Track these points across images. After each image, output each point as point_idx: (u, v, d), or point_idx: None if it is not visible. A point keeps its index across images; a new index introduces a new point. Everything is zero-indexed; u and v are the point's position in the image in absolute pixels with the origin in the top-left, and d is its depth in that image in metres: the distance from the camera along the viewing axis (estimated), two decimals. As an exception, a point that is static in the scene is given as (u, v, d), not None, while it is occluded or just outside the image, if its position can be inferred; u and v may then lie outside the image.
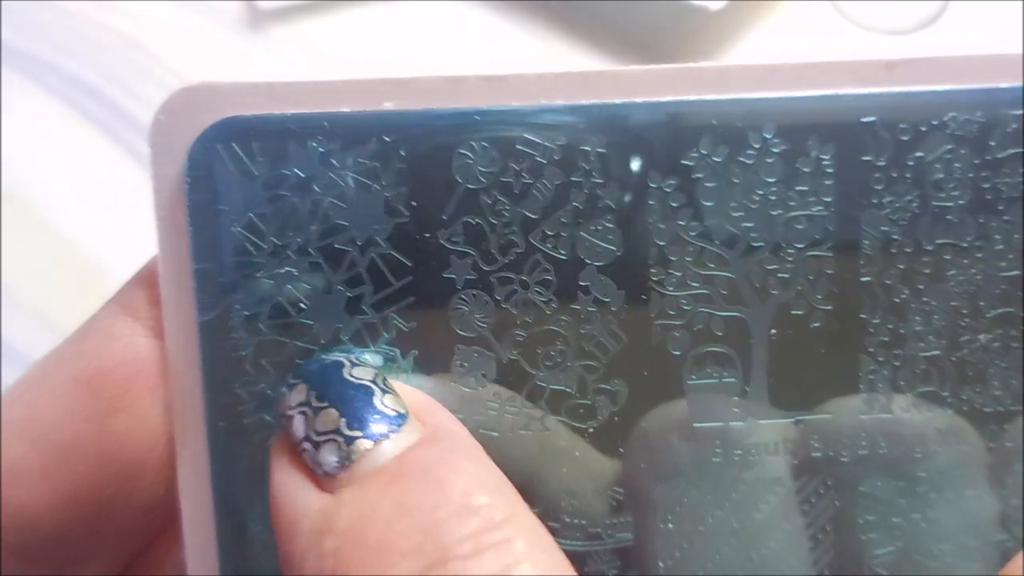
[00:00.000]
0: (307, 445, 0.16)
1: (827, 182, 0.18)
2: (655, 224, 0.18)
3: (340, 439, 0.15)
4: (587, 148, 0.18)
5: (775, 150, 0.18)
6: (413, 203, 0.18)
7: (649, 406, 0.18)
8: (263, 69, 0.48)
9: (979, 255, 0.18)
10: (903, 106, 0.18)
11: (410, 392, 0.17)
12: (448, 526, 0.14)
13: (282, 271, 0.18)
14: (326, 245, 0.18)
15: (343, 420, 0.15)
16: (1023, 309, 0.18)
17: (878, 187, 0.18)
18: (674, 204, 0.18)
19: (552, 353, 0.18)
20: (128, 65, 0.49)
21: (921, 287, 0.18)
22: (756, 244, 0.18)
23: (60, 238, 0.44)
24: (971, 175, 0.18)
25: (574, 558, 0.18)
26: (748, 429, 0.18)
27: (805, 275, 0.18)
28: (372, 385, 0.16)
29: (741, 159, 0.18)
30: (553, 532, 0.18)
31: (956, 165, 0.18)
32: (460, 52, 0.49)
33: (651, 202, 0.18)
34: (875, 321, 0.18)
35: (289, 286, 0.18)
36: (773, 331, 0.18)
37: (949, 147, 0.18)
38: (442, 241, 0.18)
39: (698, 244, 0.18)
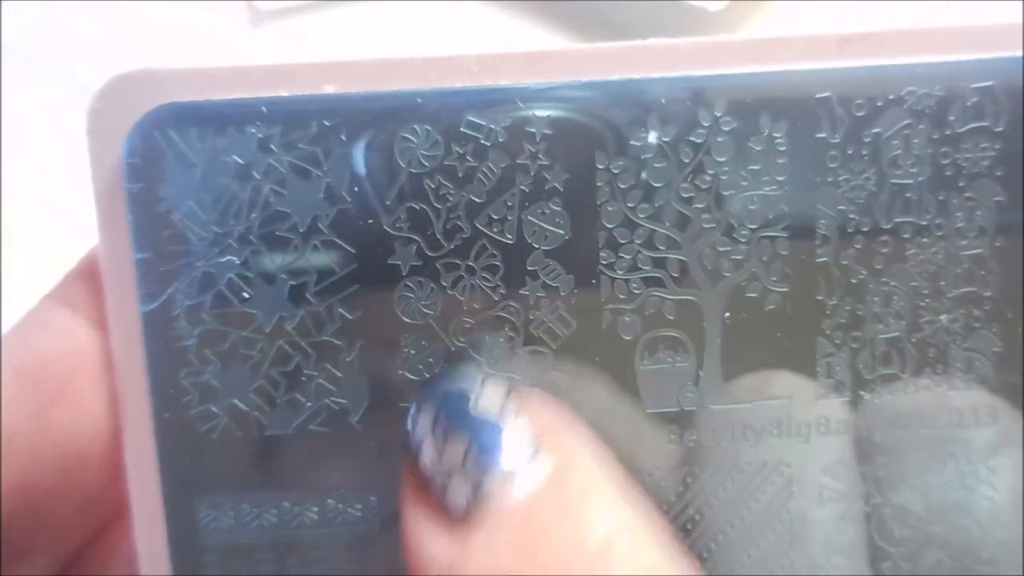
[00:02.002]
0: (436, 479, 0.15)
1: (780, 160, 0.17)
2: (603, 207, 0.17)
3: (468, 475, 0.15)
4: (533, 130, 0.17)
5: (726, 128, 0.17)
6: (355, 189, 0.17)
7: (600, 392, 0.18)
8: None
9: (939, 234, 0.18)
10: (858, 81, 0.17)
11: (541, 414, 0.16)
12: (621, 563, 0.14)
13: (224, 260, 0.17)
14: (268, 233, 0.17)
15: (471, 456, 0.15)
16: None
17: (833, 165, 0.17)
18: (623, 186, 0.17)
19: (501, 340, 0.18)
20: (128, 66, 0.49)
21: (879, 267, 0.18)
22: (708, 225, 0.18)
23: (61, 238, 0.44)
24: (930, 151, 0.17)
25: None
26: (703, 415, 0.18)
27: (759, 257, 0.18)
28: (501, 416, 0.16)
29: (691, 138, 0.17)
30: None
31: (914, 141, 0.17)
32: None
33: (599, 184, 0.17)
34: (832, 303, 0.18)
35: (231, 275, 0.17)
36: (727, 314, 0.18)
37: (907, 122, 0.17)
38: (386, 227, 0.17)
39: (648, 226, 0.18)
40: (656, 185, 0.17)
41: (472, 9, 0.50)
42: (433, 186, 0.17)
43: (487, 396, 0.16)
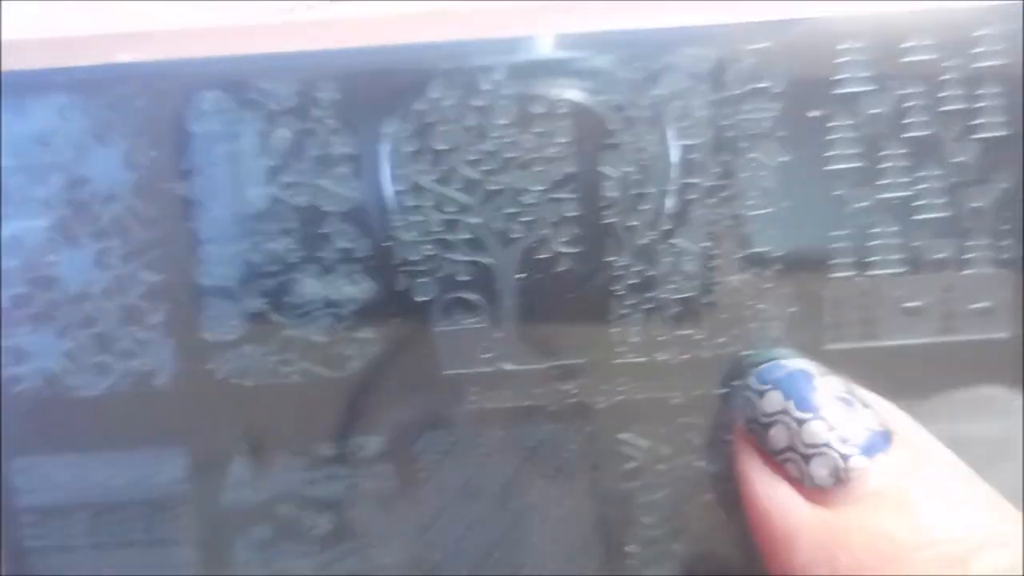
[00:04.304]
0: (792, 455, 0.15)
1: (564, 123, 0.18)
2: (393, 171, 0.18)
3: (834, 454, 0.15)
4: (321, 95, 0.18)
5: (507, 92, 0.18)
6: (152, 154, 0.18)
7: (399, 354, 0.18)
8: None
9: (724, 194, 0.18)
10: (638, 43, 0.17)
11: (878, 402, 0.16)
12: (980, 562, 0.14)
13: (30, 225, 0.18)
14: (70, 199, 0.18)
15: (833, 434, 0.15)
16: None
17: (617, 127, 0.18)
18: (410, 149, 0.18)
19: (300, 302, 0.18)
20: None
21: (668, 228, 0.18)
22: (495, 188, 0.18)
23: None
24: (711, 113, 0.18)
25: (333, 505, 0.18)
26: (501, 376, 0.18)
27: (548, 219, 0.18)
28: (851, 397, 0.16)
29: (473, 102, 0.18)
30: (313, 481, 0.18)
31: (695, 102, 0.18)
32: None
33: (388, 148, 0.18)
34: (622, 263, 0.18)
35: (37, 239, 0.18)
36: (519, 276, 0.18)
37: (687, 84, 0.18)
38: (183, 192, 0.18)
39: (437, 190, 0.18)
40: (442, 149, 0.18)
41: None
42: (227, 152, 0.18)
43: (828, 375, 0.16)
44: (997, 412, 0.18)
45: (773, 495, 0.15)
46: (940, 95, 0.17)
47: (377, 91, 0.18)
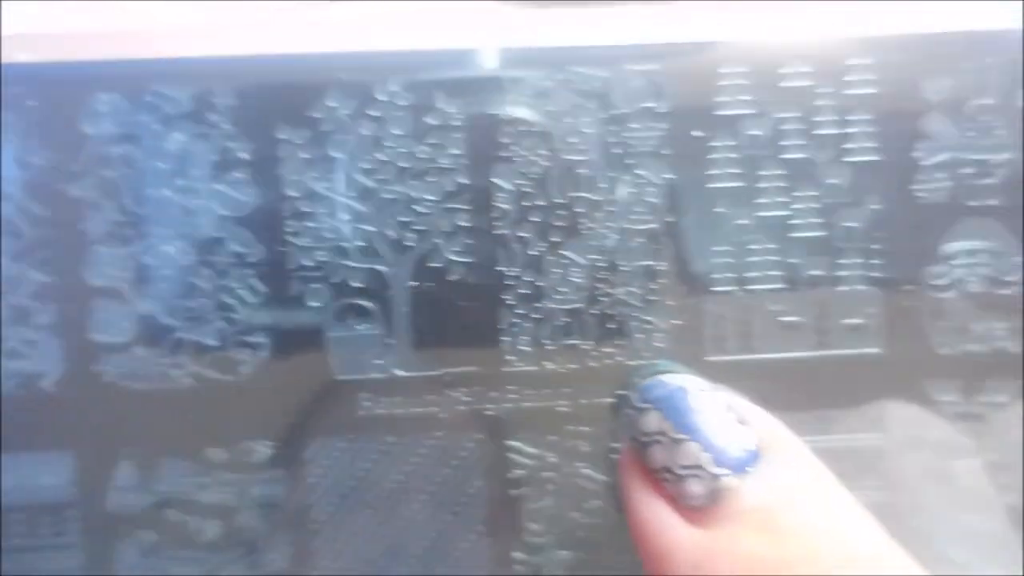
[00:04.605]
0: (669, 475, 0.15)
1: (457, 135, 0.18)
2: (288, 177, 0.18)
3: (707, 475, 0.15)
4: (218, 100, 0.18)
5: (403, 103, 0.18)
6: (45, 155, 0.18)
7: (291, 359, 0.18)
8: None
9: (612, 209, 0.18)
10: (530, 61, 0.18)
11: (750, 410, 0.16)
12: None
13: (-84, 222, 0.18)
14: (-41, 196, 0.18)
15: (706, 456, 0.15)
16: None
17: (507, 140, 0.18)
18: (305, 156, 0.18)
19: (192, 305, 0.18)
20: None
21: (557, 240, 0.18)
22: (389, 197, 0.18)
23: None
24: (600, 130, 0.18)
25: (221, 510, 0.18)
26: (392, 382, 0.19)
27: (440, 228, 0.18)
28: (727, 416, 0.16)
29: (369, 112, 0.18)
30: (201, 486, 0.18)
31: (585, 119, 0.18)
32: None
33: (283, 155, 0.18)
34: (513, 274, 0.18)
35: (-77, 237, 0.18)
36: (412, 284, 0.18)
37: (577, 101, 0.18)
38: (76, 193, 0.18)
39: (332, 197, 0.18)
40: (338, 157, 0.18)
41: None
42: (121, 153, 0.18)
43: (705, 391, 0.16)
44: (869, 425, 0.19)
45: (652, 513, 0.16)
46: (815, 119, 0.18)
47: (274, 98, 0.18)
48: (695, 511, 0.15)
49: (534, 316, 0.19)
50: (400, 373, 0.19)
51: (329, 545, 0.19)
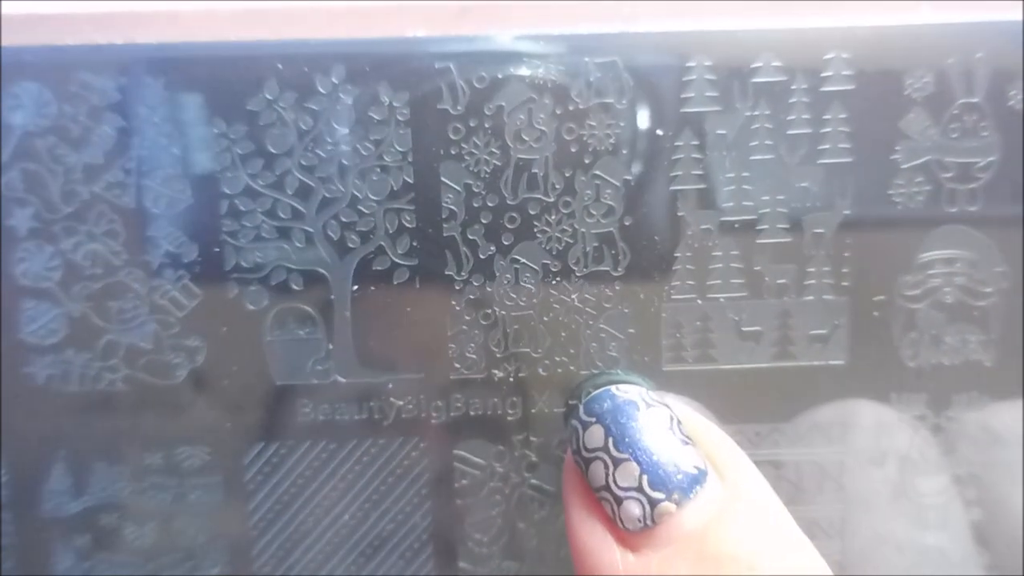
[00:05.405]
0: (607, 495, 0.15)
1: (402, 131, 0.17)
2: (223, 173, 0.17)
3: (643, 498, 0.14)
4: (148, 91, 0.17)
5: (345, 96, 0.17)
6: (-35, 146, 0.17)
7: (229, 363, 0.18)
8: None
9: (567, 211, 0.17)
10: (479, 52, 0.17)
11: (700, 428, 0.16)
12: None
13: None
14: None
15: (645, 478, 0.15)
16: None
17: (456, 137, 0.17)
18: (241, 152, 0.17)
19: (125, 307, 0.17)
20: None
21: (508, 243, 0.17)
22: (331, 196, 0.17)
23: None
24: (555, 126, 0.17)
25: (157, 515, 0.17)
26: (334, 388, 0.18)
27: (385, 229, 0.17)
28: (671, 435, 0.15)
29: (309, 105, 0.17)
30: (137, 491, 0.18)
31: (539, 116, 0.17)
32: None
33: (218, 149, 0.17)
34: (461, 278, 0.18)
35: None
36: (355, 287, 0.18)
37: (530, 96, 0.17)
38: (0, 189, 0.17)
39: (270, 195, 0.17)
40: (276, 153, 0.17)
41: None
42: (47, 147, 0.17)
43: (655, 407, 0.15)
44: (830, 437, 0.18)
45: (590, 534, 0.15)
46: (787, 118, 0.17)
47: (208, 89, 0.17)
48: (631, 534, 0.15)
49: (482, 322, 0.18)
50: (342, 379, 0.18)
51: (266, 552, 0.18)
